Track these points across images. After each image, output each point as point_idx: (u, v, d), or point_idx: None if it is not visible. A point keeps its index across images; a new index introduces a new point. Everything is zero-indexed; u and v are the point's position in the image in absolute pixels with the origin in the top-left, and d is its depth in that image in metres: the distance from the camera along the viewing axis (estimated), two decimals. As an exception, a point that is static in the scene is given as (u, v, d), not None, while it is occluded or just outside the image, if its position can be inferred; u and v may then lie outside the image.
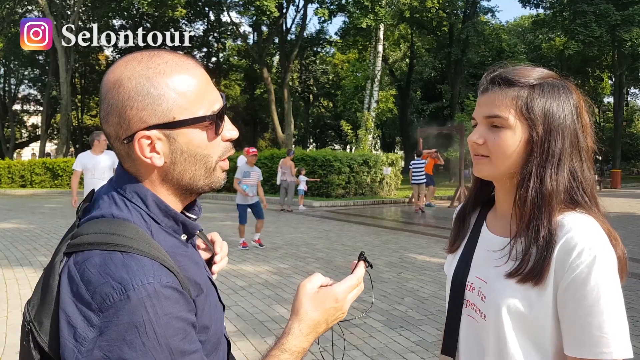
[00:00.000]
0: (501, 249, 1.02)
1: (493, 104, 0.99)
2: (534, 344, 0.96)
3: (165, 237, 0.82)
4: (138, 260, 0.73)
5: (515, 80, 0.98)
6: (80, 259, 0.75)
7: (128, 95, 0.78)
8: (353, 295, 0.94)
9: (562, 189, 0.97)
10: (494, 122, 0.99)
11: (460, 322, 1.09)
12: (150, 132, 0.79)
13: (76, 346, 0.69)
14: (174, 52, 0.83)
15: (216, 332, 0.88)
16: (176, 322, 0.73)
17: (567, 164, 0.97)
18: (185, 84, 0.80)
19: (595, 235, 0.92)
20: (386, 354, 3.90)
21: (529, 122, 0.97)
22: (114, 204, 0.81)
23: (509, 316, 0.97)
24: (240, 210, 8.25)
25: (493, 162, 1.01)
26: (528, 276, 0.94)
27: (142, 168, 0.83)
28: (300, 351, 0.87)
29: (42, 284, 0.78)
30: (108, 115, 0.80)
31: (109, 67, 0.86)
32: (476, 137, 1.02)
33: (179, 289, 0.75)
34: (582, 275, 0.90)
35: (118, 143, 0.82)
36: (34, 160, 25.54)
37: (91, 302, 0.70)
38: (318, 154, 17.31)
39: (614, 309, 0.90)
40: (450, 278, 1.14)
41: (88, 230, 0.78)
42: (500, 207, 1.08)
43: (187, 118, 0.80)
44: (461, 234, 1.16)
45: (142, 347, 0.69)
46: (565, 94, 0.99)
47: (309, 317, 0.89)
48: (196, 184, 0.85)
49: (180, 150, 0.81)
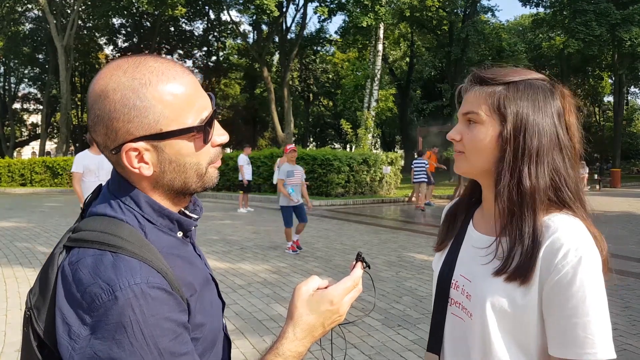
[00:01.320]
0: (486, 247, 1.02)
1: (469, 102, 1.02)
2: (519, 344, 0.97)
3: (160, 237, 0.84)
4: (127, 261, 0.75)
5: (491, 79, 1.00)
6: (74, 259, 0.77)
7: (114, 107, 0.77)
8: (350, 297, 0.93)
9: (543, 186, 0.96)
10: (469, 118, 1.02)
11: (446, 320, 1.09)
12: (137, 144, 0.79)
13: (70, 343, 0.72)
14: (160, 58, 0.83)
15: (212, 329, 0.88)
16: (164, 323, 0.73)
17: (547, 161, 0.97)
18: (171, 93, 0.79)
19: (581, 237, 0.92)
20: (384, 352, 3.91)
21: (500, 118, 0.98)
22: (108, 206, 0.83)
23: (494, 315, 0.97)
24: (284, 213, 7.73)
25: (467, 157, 1.03)
26: (514, 275, 0.94)
27: (132, 176, 0.84)
28: (296, 355, 0.87)
29: (42, 273, 0.82)
30: (95, 125, 0.80)
31: None
32: (453, 133, 1.05)
33: (167, 289, 0.76)
34: (567, 276, 0.90)
35: (107, 152, 0.83)
36: (33, 158, 25.55)
37: (82, 302, 0.72)
38: (318, 153, 17.31)
39: (599, 310, 0.90)
40: (436, 276, 1.15)
41: (86, 226, 0.81)
42: (486, 205, 1.08)
43: (175, 129, 0.80)
44: (450, 233, 1.16)
45: (130, 347, 0.70)
46: (545, 93, 0.99)
47: (304, 320, 0.88)
48: (188, 188, 0.86)
49: (169, 160, 0.82)
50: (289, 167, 7.69)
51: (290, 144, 8.11)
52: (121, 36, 37.81)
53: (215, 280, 0.97)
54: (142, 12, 31.81)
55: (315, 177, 16.56)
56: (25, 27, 34.20)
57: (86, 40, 33.52)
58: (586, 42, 25.80)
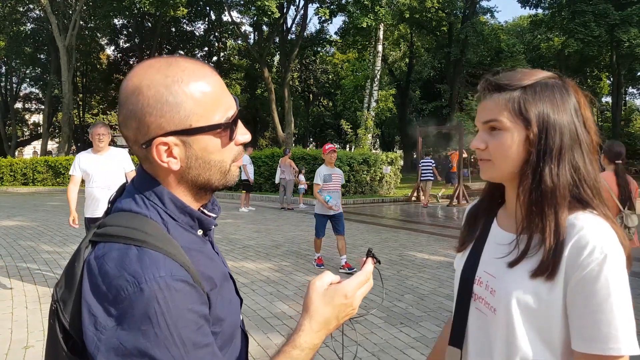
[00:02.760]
0: (509, 244, 1.05)
1: (489, 109, 1.04)
2: (543, 338, 0.99)
3: (181, 233, 0.87)
4: (152, 255, 0.78)
5: (506, 84, 1.02)
6: (100, 253, 0.80)
7: (147, 102, 0.81)
8: (363, 292, 0.95)
9: (564, 183, 0.99)
10: (492, 126, 1.03)
11: (469, 315, 1.12)
12: (167, 139, 0.83)
13: (96, 334, 0.75)
14: (190, 59, 0.87)
15: (231, 324, 0.91)
16: (188, 314, 0.76)
17: (568, 158, 0.99)
18: (201, 91, 0.83)
19: (606, 235, 0.94)
20: (387, 350, 3.97)
21: (524, 122, 1.00)
22: (133, 202, 0.87)
23: (519, 310, 0.99)
24: (318, 221, 6.75)
25: (495, 164, 1.04)
26: (538, 270, 0.96)
27: (160, 170, 0.87)
28: (312, 347, 0.89)
29: (68, 267, 0.85)
30: (127, 120, 0.84)
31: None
32: (478, 142, 1.06)
33: (190, 282, 0.78)
34: (592, 273, 0.92)
35: (137, 147, 0.86)
36: (36, 158, 25.57)
37: (108, 294, 0.75)
38: (318, 152, 17.37)
39: (623, 306, 0.91)
40: (460, 272, 1.17)
41: (112, 222, 0.85)
42: (509, 204, 1.11)
43: (203, 125, 0.84)
44: (471, 233, 1.18)
45: (155, 337, 0.73)
46: (560, 91, 1.01)
47: (320, 313, 0.90)
48: (211, 185, 0.90)
49: (195, 156, 0.86)
50: (326, 171, 6.79)
51: (330, 143, 7.09)
52: (123, 36, 37.86)
53: (232, 278, 1.01)
54: (144, 13, 31.81)
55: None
56: (26, 27, 34.19)
57: (88, 41, 33.52)
58: (585, 42, 25.84)
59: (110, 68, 38.84)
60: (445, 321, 4.67)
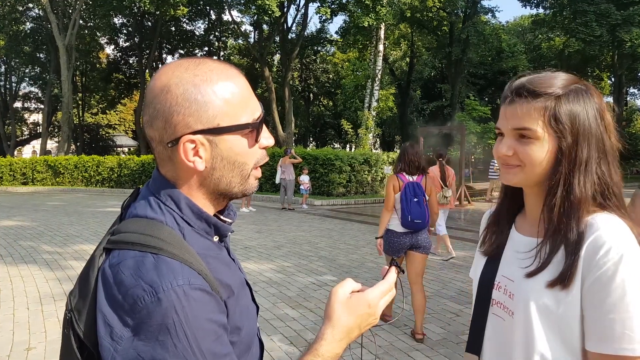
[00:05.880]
0: (529, 250, 1.04)
1: (520, 116, 1.00)
2: (562, 341, 0.98)
3: (197, 239, 0.85)
4: (168, 263, 0.76)
5: (542, 92, 0.99)
6: (115, 260, 0.78)
7: (175, 101, 0.80)
8: (385, 301, 0.94)
9: (591, 194, 0.99)
10: (523, 134, 1.00)
11: (487, 321, 1.11)
12: (195, 137, 0.81)
13: (112, 345, 0.72)
14: (218, 60, 0.86)
15: (248, 332, 0.89)
16: (206, 324, 0.74)
17: (595, 168, 0.99)
18: (229, 91, 0.83)
19: (623, 235, 0.94)
20: (392, 352, 3.95)
21: (557, 133, 0.98)
22: (149, 207, 0.84)
23: (538, 313, 0.98)
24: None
25: (525, 171, 1.02)
26: (557, 280, 0.96)
27: (182, 172, 0.85)
28: (333, 356, 0.87)
29: (82, 276, 0.82)
30: (153, 120, 0.83)
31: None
32: (505, 149, 1.02)
33: (208, 290, 0.77)
34: (608, 272, 0.91)
35: (161, 147, 0.84)
36: (35, 157, 25.50)
37: (124, 304, 0.73)
38: (319, 152, 17.35)
39: (639, 307, 0.90)
40: (478, 278, 1.16)
41: (126, 228, 0.82)
42: (530, 210, 1.10)
43: (231, 125, 0.83)
44: (493, 238, 1.17)
45: (173, 348, 0.71)
46: (588, 98, 1.00)
47: (342, 322, 0.89)
48: (231, 190, 0.89)
49: (220, 156, 0.84)
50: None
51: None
52: (122, 36, 37.79)
53: (249, 285, 0.98)
54: (144, 12, 31.78)
55: (316, 176, 16.61)
56: (26, 26, 34.14)
57: (87, 40, 33.47)
58: (586, 42, 25.84)
59: (109, 67, 38.73)
60: (449, 322, 4.64)
